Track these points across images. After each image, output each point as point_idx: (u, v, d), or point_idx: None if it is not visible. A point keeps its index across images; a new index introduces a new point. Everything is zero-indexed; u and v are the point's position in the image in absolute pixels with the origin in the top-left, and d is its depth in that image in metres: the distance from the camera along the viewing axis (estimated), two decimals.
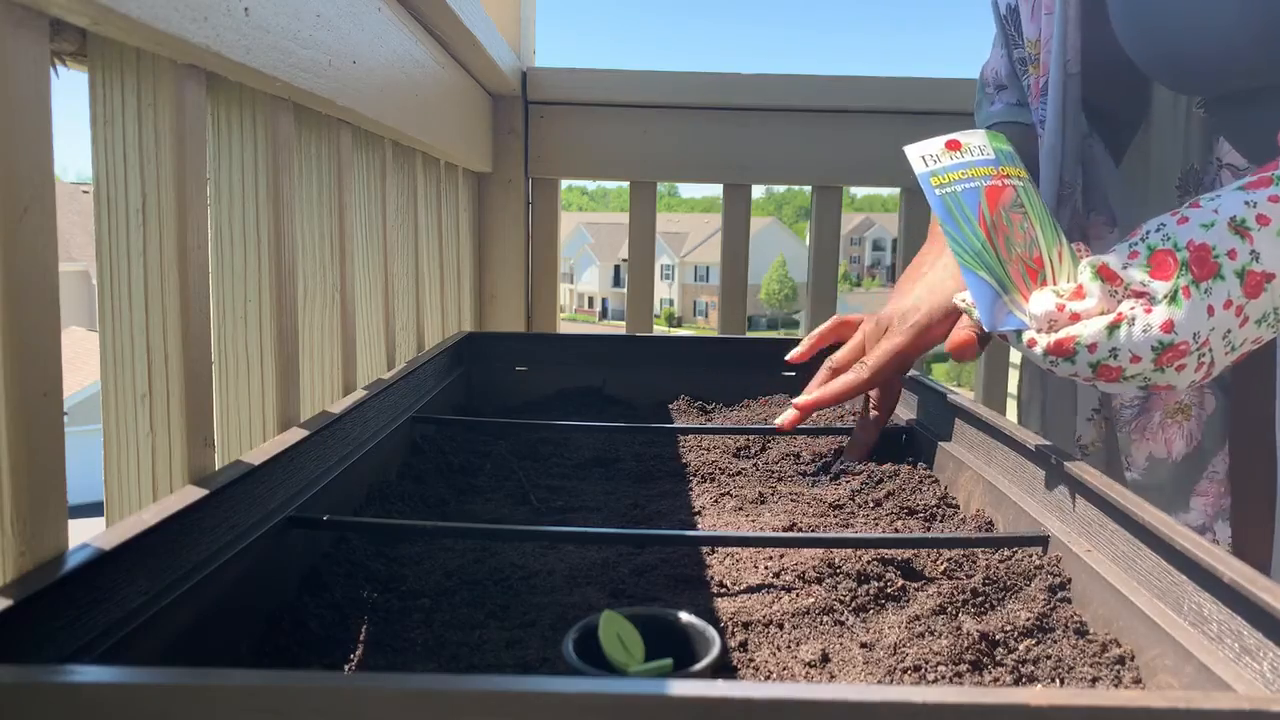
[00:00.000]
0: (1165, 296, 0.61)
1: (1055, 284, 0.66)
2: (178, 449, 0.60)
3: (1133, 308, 0.62)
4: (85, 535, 0.44)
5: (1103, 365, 0.62)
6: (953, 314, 0.87)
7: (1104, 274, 0.63)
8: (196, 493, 0.51)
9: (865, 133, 1.62)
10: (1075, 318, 0.63)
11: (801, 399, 0.88)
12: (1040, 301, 0.65)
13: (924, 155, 0.71)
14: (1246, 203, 0.62)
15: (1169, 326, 0.60)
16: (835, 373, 0.91)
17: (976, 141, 0.71)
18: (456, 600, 0.57)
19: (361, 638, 0.53)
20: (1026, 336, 0.65)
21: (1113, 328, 0.62)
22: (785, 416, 0.89)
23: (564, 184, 1.72)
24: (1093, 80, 0.91)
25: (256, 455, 0.60)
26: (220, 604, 0.51)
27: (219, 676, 0.29)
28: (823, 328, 1.00)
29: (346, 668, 0.50)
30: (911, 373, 0.98)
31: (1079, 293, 0.64)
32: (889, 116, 1.61)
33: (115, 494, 0.62)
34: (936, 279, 0.92)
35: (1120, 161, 0.95)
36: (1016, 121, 1.05)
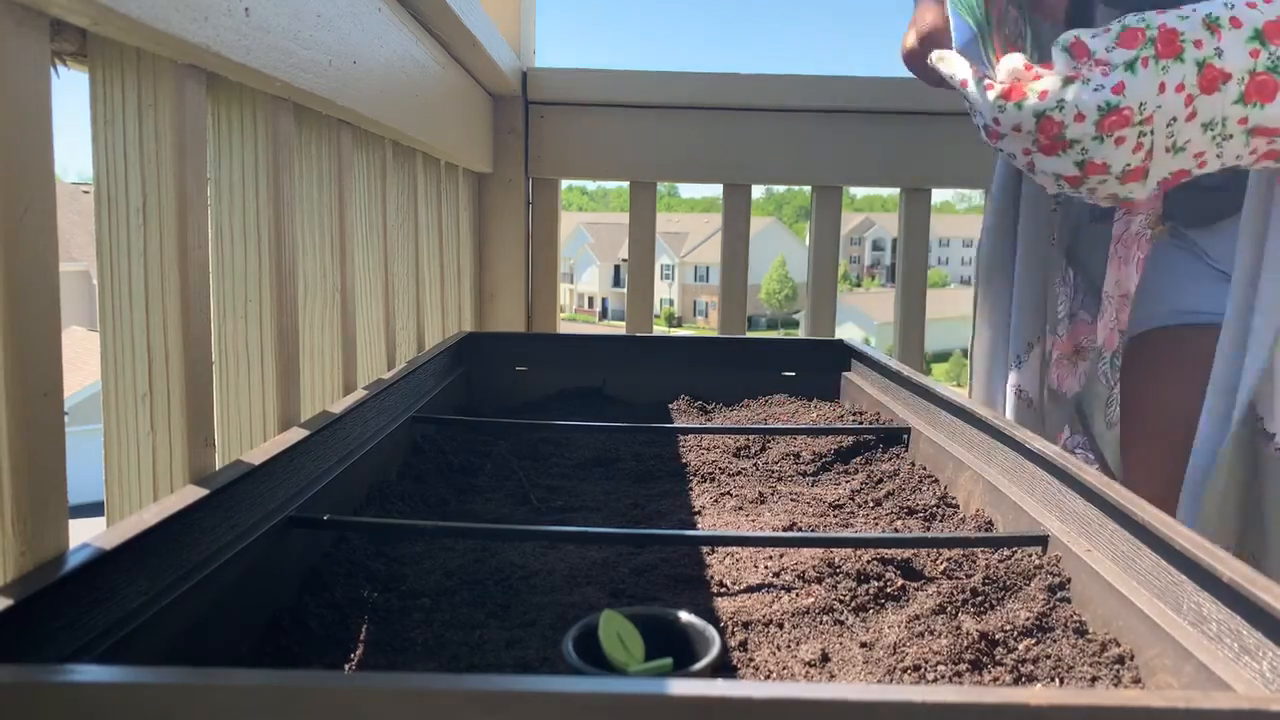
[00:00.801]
0: (1124, 63, 0.63)
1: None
2: (178, 449, 0.60)
3: (1089, 70, 0.64)
4: (85, 535, 0.44)
5: (1047, 116, 0.64)
6: None
7: (1073, 49, 0.66)
8: (197, 492, 0.51)
9: (865, 133, 1.62)
10: (1038, 77, 0.66)
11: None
12: (1011, 60, 0.68)
13: None
14: (1226, 3, 0.63)
15: (1120, 88, 0.63)
16: None
17: None
18: (456, 600, 0.57)
19: (361, 638, 0.53)
20: (986, 80, 0.69)
21: (1067, 81, 0.65)
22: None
23: (564, 184, 1.72)
24: None
25: (257, 455, 0.60)
26: (220, 604, 0.51)
27: (219, 676, 0.29)
28: None
29: (346, 668, 0.50)
30: (912, 373, 0.98)
31: (1046, 64, 0.67)
32: (889, 116, 1.61)
33: (115, 494, 0.62)
34: None
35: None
36: None
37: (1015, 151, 0.69)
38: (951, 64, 0.73)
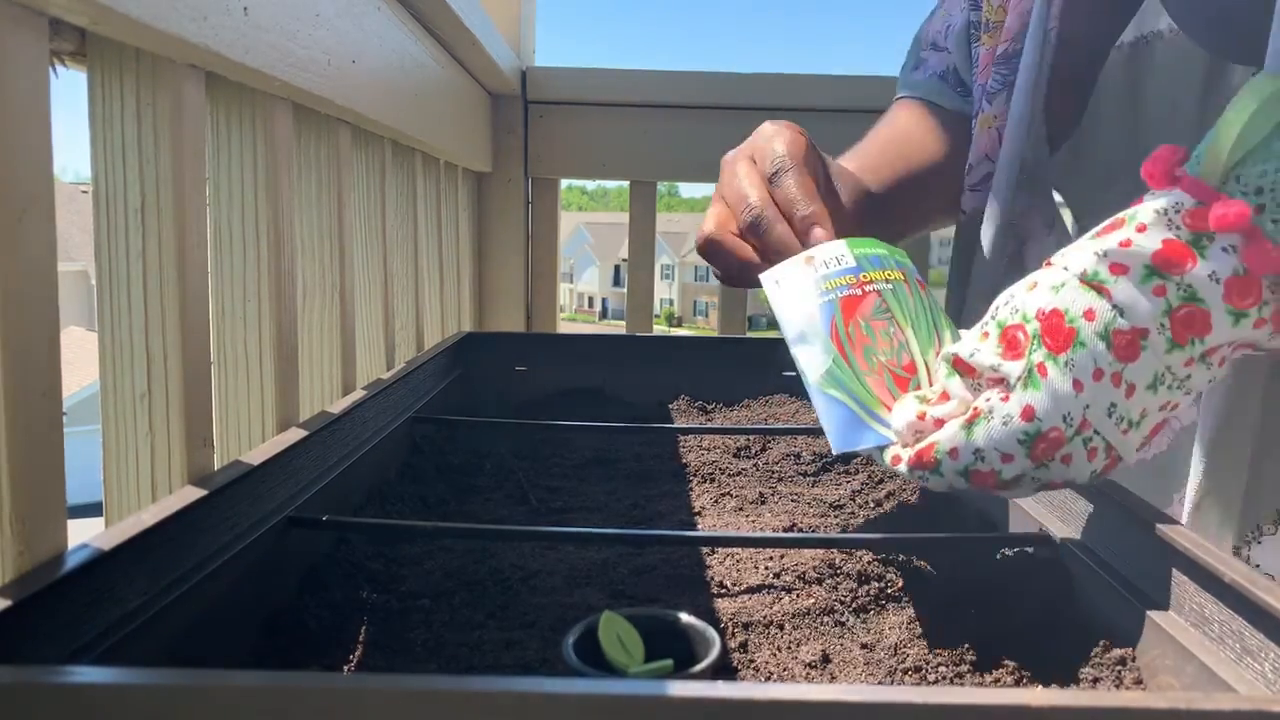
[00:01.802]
0: (1019, 379, 0.51)
1: (930, 388, 0.57)
2: (177, 449, 0.60)
3: (989, 399, 0.52)
4: (85, 535, 0.44)
5: (973, 471, 0.52)
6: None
7: (959, 366, 0.54)
8: (196, 493, 0.51)
9: (865, 133, 1.61)
10: (939, 424, 0.54)
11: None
12: (902, 412, 0.56)
13: (776, 280, 0.63)
14: (1097, 253, 0.51)
15: (1029, 413, 0.50)
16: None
17: (833, 252, 0.63)
18: (456, 601, 0.57)
19: (361, 638, 0.53)
20: (889, 454, 0.56)
21: (970, 425, 0.52)
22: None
23: (564, 184, 1.72)
24: (1066, 54, 0.83)
25: (256, 455, 0.60)
26: (220, 604, 0.51)
27: (218, 677, 0.29)
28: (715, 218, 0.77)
29: (346, 668, 0.50)
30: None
31: (942, 395, 0.55)
32: None
33: (114, 494, 0.62)
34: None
35: (1055, 150, 0.87)
36: (932, 101, 0.98)
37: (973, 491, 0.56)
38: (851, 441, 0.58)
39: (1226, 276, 0.48)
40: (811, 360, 0.60)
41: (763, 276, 0.65)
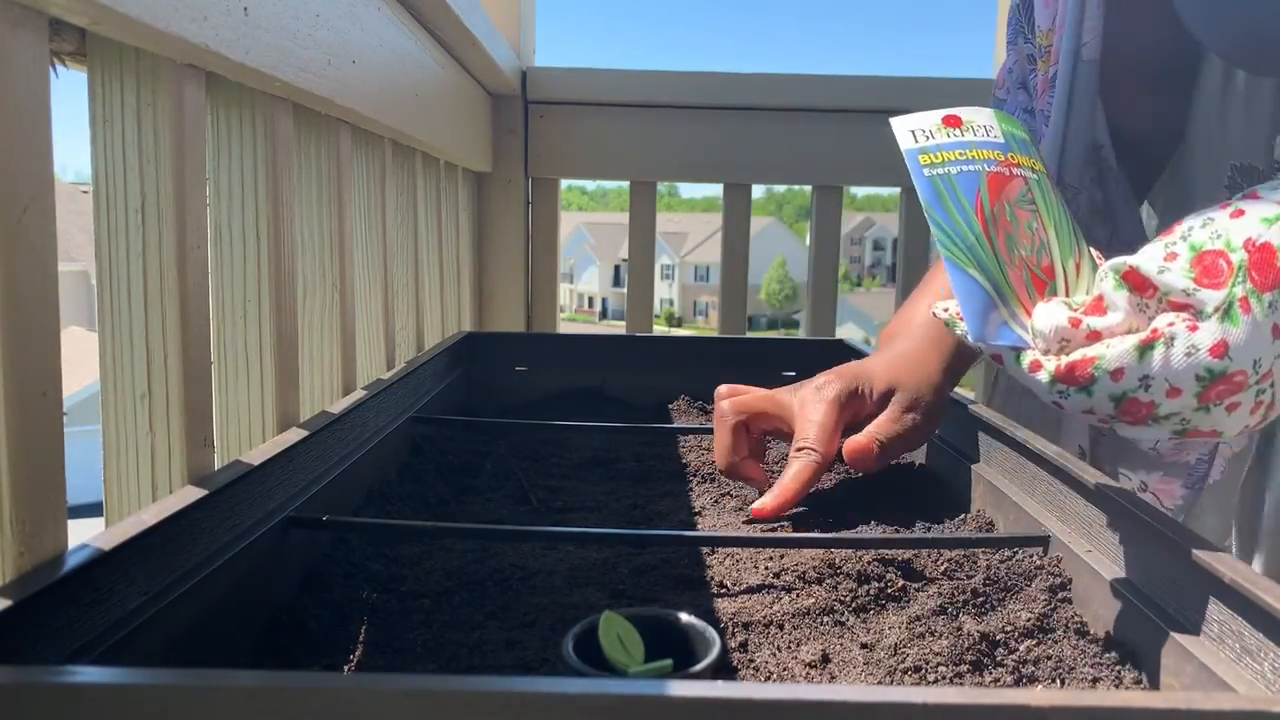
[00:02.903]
0: (1217, 310, 0.46)
1: (1076, 298, 0.53)
2: (177, 449, 0.60)
3: (1172, 324, 0.47)
4: (85, 535, 0.44)
5: (1130, 399, 0.47)
6: (884, 397, 0.78)
7: (1131, 280, 0.49)
8: (196, 493, 0.51)
9: (865, 133, 1.62)
10: (1094, 336, 0.49)
11: (764, 504, 0.74)
12: (1049, 315, 0.50)
13: (914, 130, 0.58)
14: None
15: (1220, 349, 0.46)
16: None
17: (981, 120, 0.58)
18: (456, 600, 0.57)
19: (361, 638, 0.53)
20: (1029, 358, 0.50)
21: (1145, 348, 0.47)
22: (765, 505, 0.74)
23: (564, 184, 1.72)
24: (1116, 80, 0.81)
25: (256, 455, 0.60)
26: (220, 604, 0.51)
27: (218, 677, 0.29)
28: (730, 441, 0.80)
29: (346, 668, 0.50)
30: None
31: (1098, 305, 0.50)
32: (889, 116, 1.61)
33: (115, 494, 0.62)
34: (891, 356, 0.82)
35: (1145, 196, 0.84)
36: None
37: (1091, 420, 0.51)
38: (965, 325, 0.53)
39: None
40: (949, 228, 0.54)
41: (895, 123, 0.59)
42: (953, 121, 0.58)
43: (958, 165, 0.56)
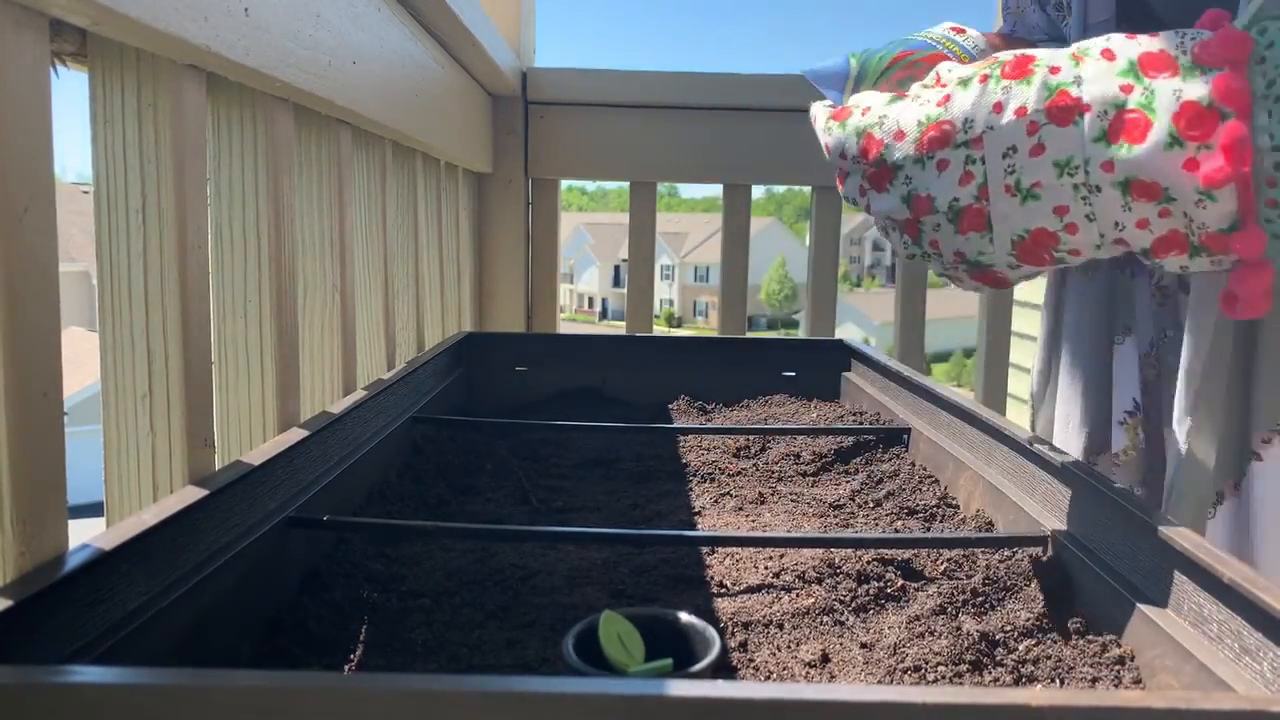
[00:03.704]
0: (958, 79, 0.54)
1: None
2: (178, 449, 0.60)
3: (925, 88, 0.57)
4: (85, 535, 0.44)
5: (868, 133, 0.56)
6: None
7: (937, 80, 0.58)
8: (196, 493, 0.51)
9: None
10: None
11: None
12: (864, 94, 0.61)
13: (936, 30, 0.71)
14: (1107, 37, 0.53)
15: (945, 100, 0.54)
16: None
17: (977, 40, 0.70)
18: (456, 600, 0.57)
19: (361, 638, 0.53)
20: (829, 109, 0.62)
21: (894, 99, 0.57)
22: None
23: (564, 184, 1.72)
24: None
25: (256, 456, 0.60)
26: (220, 604, 0.51)
27: (218, 677, 0.29)
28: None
29: (346, 668, 0.50)
30: (913, 373, 0.98)
31: (901, 95, 0.60)
32: None
33: (115, 494, 0.62)
34: None
35: None
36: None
37: (854, 195, 0.60)
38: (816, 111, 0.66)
39: (1187, 99, 0.48)
40: (872, 52, 0.68)
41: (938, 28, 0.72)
42: (959, 29, 0.71)
43: (925, 38, 0.70)
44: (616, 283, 41.89)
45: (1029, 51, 0.53)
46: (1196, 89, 0.48)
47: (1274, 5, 0.48)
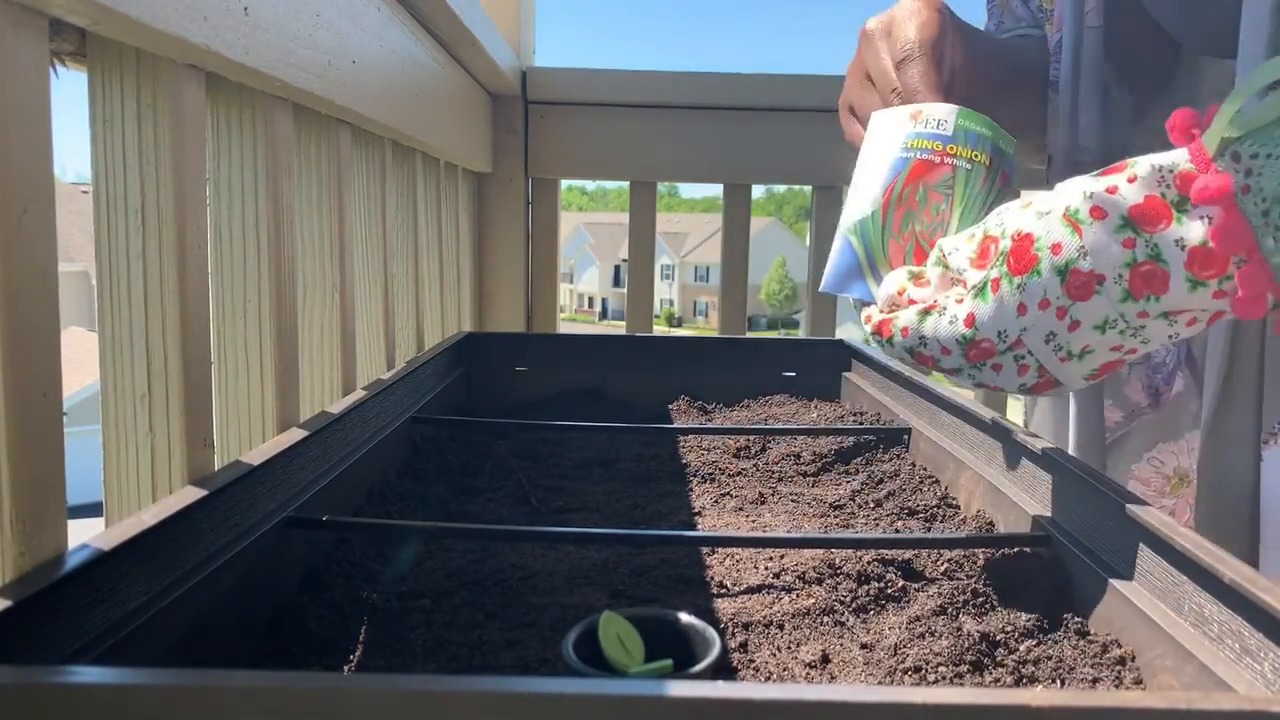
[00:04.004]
0: (974, 288, 0.56)
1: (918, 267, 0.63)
2: (177, 449, 0.60)
3: (948, 297, 0.58)
4: (85, 535, 0.44)
5: (917, 352, 0.59)
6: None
7: (945, 260, 0.59)
8: (196, 493, 0.51)
9: None
10: (911, 303, 0.60)
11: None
12: (889, 282, 0.62)
13: (880, 121, 0.68)
14: (1086, 192, 0.52)
15: (970, 321, 0.55)
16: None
17: (939, 114, 0.66)
18: (456, 600, 0.57)
19: (361, 638, 0.53)
20: (865, 312, 0.63)
21: (924, 314, 0.58)
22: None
23: (564, 184, 1.72)
24: (1118, 36, 0.83)
25: (256, 456, 0.60)
26: (220, 605, 0.51)
27: (218, 678, 0.29)
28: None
29: (346, 668, 0.50)
30: (913, 373, 0.98)
31: (925, 279, 0.60)
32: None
33: (115, 494, 0.62)
34: None
35: (1140, 120, 0.86)
36: (1030, 35, 0.95)
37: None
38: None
39: (1193, 245, 0.49)
40: (854, 206, 0.65)
41: (875, 115, 0.69)
42: (915, 115, 0.67)
43: (896, 153, 0.66)
44: (616, 283, 41.88)
45: (1024, 229, 0.54)
46: (1195, 233, 0.49)
47: (1241, 119, 0.48)
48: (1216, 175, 0.48)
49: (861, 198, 0.65)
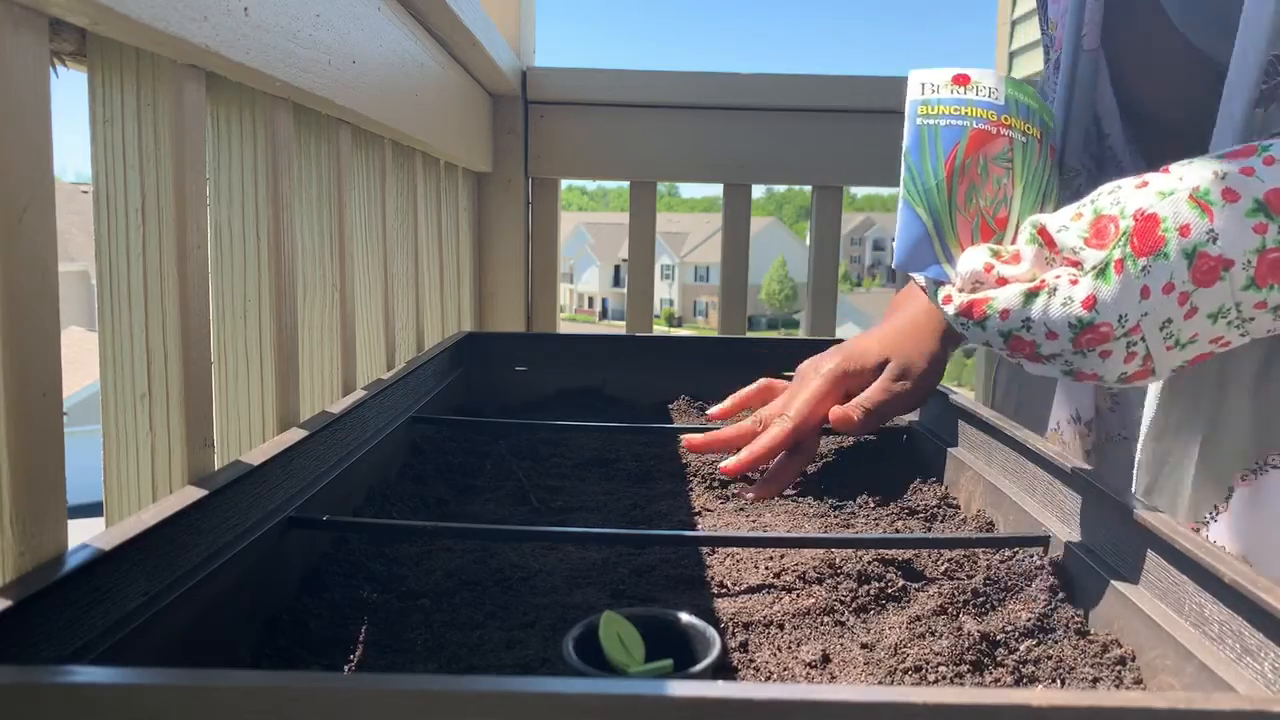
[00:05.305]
0: (1094, 268, 0.52)
1: (1007, 247, 0.59)
2: (177, 449, 0.60)
3: (1058, 276, 0.54)
4: (85, 535, 0.44)
5: (1015, 336, 0.54)
6: (878, 368, 0.86)
7: (1042, 236, 0.55)
8: (196, 493, 0.51)
9: (865, 132, 1.62)
10: (1002, 282, 0.56)
11: (730, 462, 0.82)
12: (970, 258, 0.57)
13: (924, 82, 0.63)
14: (1216, 173, 0.51)
15: (1090, 303, 0.52)
16: (759, 427, 0.85)
17: (989, 81, 0.63)
18: (456, 600, 0.57)
19: (361, 638, 0.53)
20: (943, 292, 0.58)
21: (1030, 295, 0.54)
22: (730, 462, 0.82)
23: (564, 184, 1.72)
24: (1129, 70, 0.82)
25: (256, 455, 0.60)
26: (220, 604, 0.51)
27: (218, 677, 0.29)
28: (748, 390, 0.95)
29: (346, 668, 0.50)
30: None
31: (1015, 256, 0.56)
32: (889, 116, 1.61)
33: (115, 494, 0.62)
34: (890, 329, 0.89)
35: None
36: None
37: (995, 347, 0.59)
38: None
39: None
40: (917, 171, 0.60)
41: (913, 74, 0.64)
42: (961, 79, 0.63)
43: (948, 119, 0.61)
44: (616, 282, 41.87)
45: (1149, 210, 0.52)
46: None
47: None
48: None
49: (920, 163, 0.61)
